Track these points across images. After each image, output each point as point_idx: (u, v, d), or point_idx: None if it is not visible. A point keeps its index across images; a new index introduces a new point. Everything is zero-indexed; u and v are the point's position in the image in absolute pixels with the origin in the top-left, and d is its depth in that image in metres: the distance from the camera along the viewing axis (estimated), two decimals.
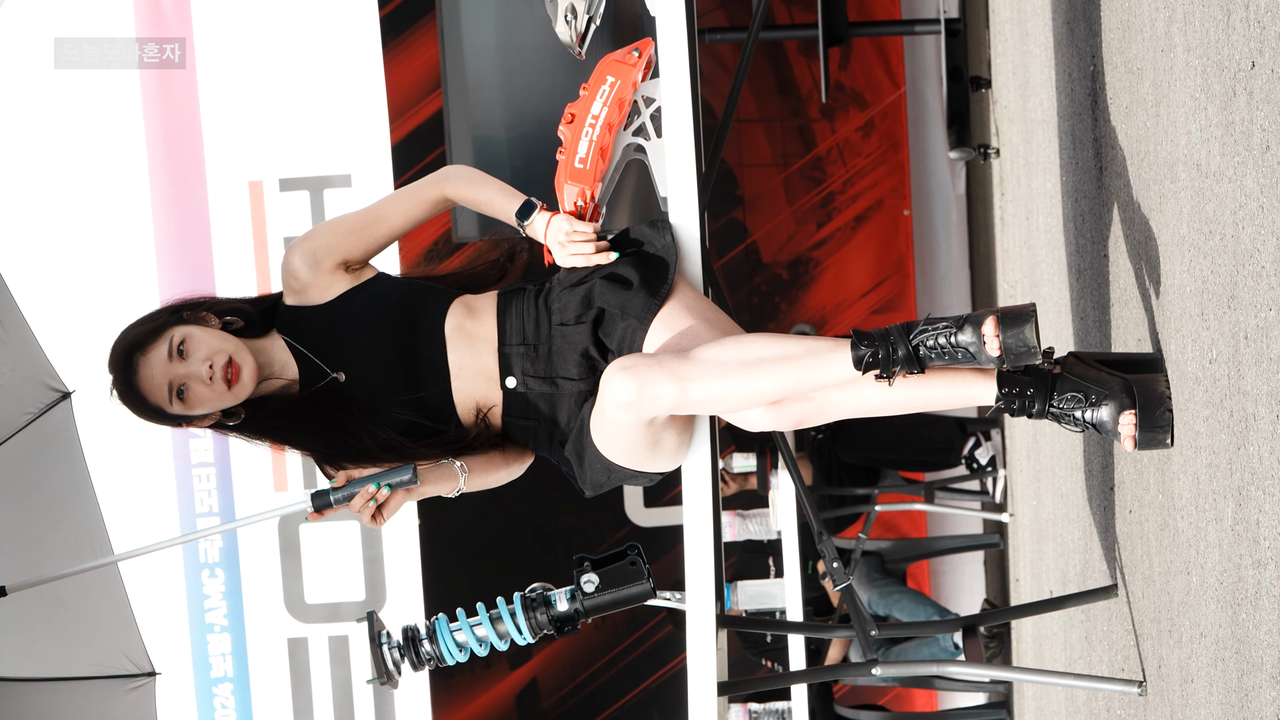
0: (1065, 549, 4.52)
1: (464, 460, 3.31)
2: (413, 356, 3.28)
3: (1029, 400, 3.00)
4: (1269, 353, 2.26)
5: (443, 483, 3.29)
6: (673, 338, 3.15)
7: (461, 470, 3.29)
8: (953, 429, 6.96)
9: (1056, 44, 4.18)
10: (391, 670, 3.05)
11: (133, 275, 6.42)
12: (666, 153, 3.32)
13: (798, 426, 3.18)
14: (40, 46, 6.40)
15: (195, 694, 6.57)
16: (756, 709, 6.12)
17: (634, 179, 3.51)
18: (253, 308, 3.38)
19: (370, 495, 3.17)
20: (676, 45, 3.30)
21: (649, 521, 7.60)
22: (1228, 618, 2.54)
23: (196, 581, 6.57)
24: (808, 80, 7.89)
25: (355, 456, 3.29)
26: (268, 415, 3.33)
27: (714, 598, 3.36)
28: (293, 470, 6.48)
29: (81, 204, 6.39)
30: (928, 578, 8.09)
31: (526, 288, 3.32)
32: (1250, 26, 2.26)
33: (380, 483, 3.17)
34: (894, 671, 4.92)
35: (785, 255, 7.95)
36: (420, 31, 7.19)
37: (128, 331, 3.29)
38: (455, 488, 3.30)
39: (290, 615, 6.60)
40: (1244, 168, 2.33)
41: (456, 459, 3.30)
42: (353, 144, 6.38)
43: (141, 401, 3.25)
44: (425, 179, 3.36)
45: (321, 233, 3.34)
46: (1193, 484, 2.75)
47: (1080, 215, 3.89)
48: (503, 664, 7.69)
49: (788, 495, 6.12)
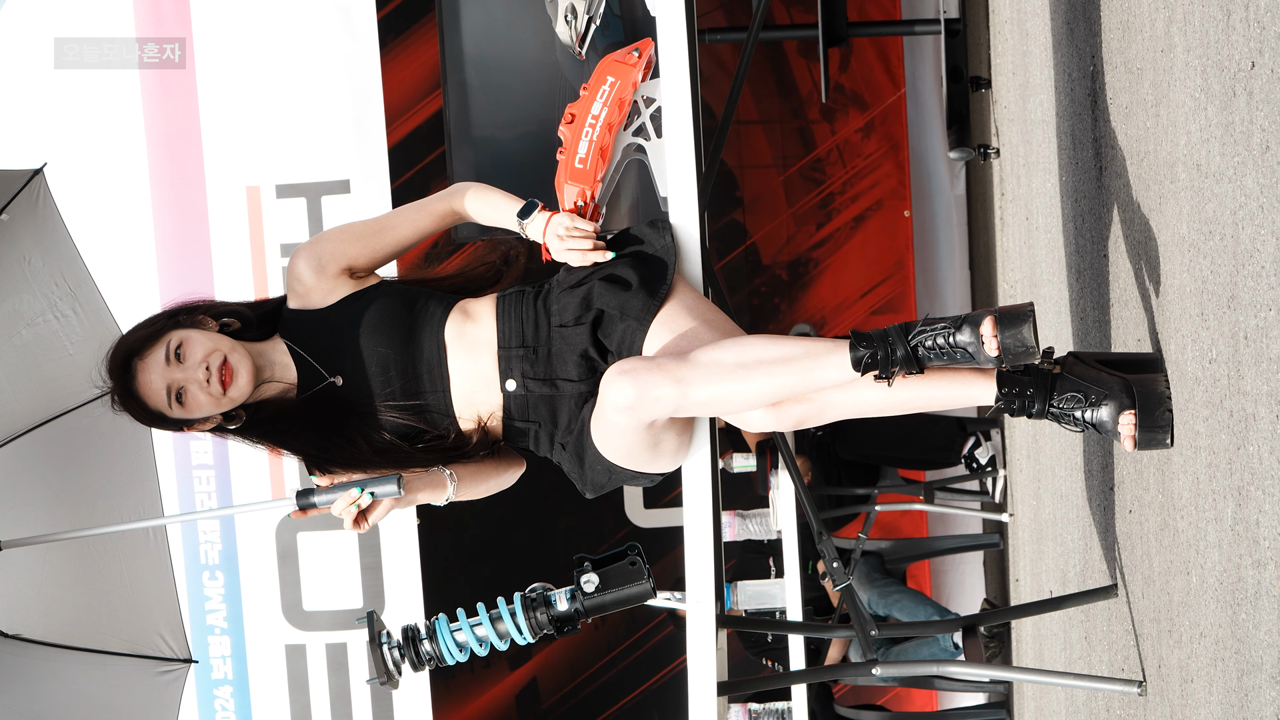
0: (1065, 549, 4.52)
1: (455, 468, 3.31)
2: (413, 362, 3.28)
3: (1029, 400, 3.00)
4: (1269, 353, 2.26)
5: (431, 490, 3.29)
6: (672, 339, 3.15)
7: (451, 479, 3.29)
8: (953, 429, 6.96)
9: (1056, 44, 4.18)
10: (391, 670, 3.05)
11: (133, 275, 6.41)
12: (666, 153, 3.32)
13: (798, 427, 3.18)
14: (40, 46, 6.40)
15: (196, 695, 6.57)
16: (756, 709, 6.12)
17: (634, 179, 3.51)
18: (251, 311, 3.38)
19: (353, 500, 3.17)
20: (676, 45, 3.30)
21: (649, 522, 7.59)
22: (1228, 618, 2.54)
23: (197, 583, 6.57)
24: (808, 81, 7.89)
25: (350, 460, 3.30)
26: (266, 418, 3.33)
27: (714, 598, 3.36)
28: (289, 474, 6.47)
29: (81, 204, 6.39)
30: (928, 578, 8.09)
31: (525, 290, 3.32)
32: (1250, 26, 2.26)
33: (364, 488, 3.17)
34: (894, 671, 4.93)
35: (785, 256, 7.95)
36: (420, 32, 7.18)
37: (126, 338, 3.29)
38: (444, 496, 3.31)
39: (288, 622, 6.60)
40: (1244, 168, 2.33)
41: (447, 467, 3.30)
42: (351, 148, 6.38)
43: (141, 406, 3.25)
44: (436, 194, 3.38)
45: (328, 238, 3.35)
46: (1193, 484, 2.75)
47: (1080, 215, 3.89)
48: (503, 664, 7.68)
49: (788, 495, 6.12)
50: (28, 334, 4.14)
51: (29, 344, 4.13)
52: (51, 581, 4.00)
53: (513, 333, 3.26)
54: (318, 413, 3.29)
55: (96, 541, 4.08)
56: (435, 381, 3.28)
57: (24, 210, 4.23)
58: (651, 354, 3.15)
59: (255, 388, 3.28)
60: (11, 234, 4.18)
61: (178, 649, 4.31)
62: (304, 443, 3.34)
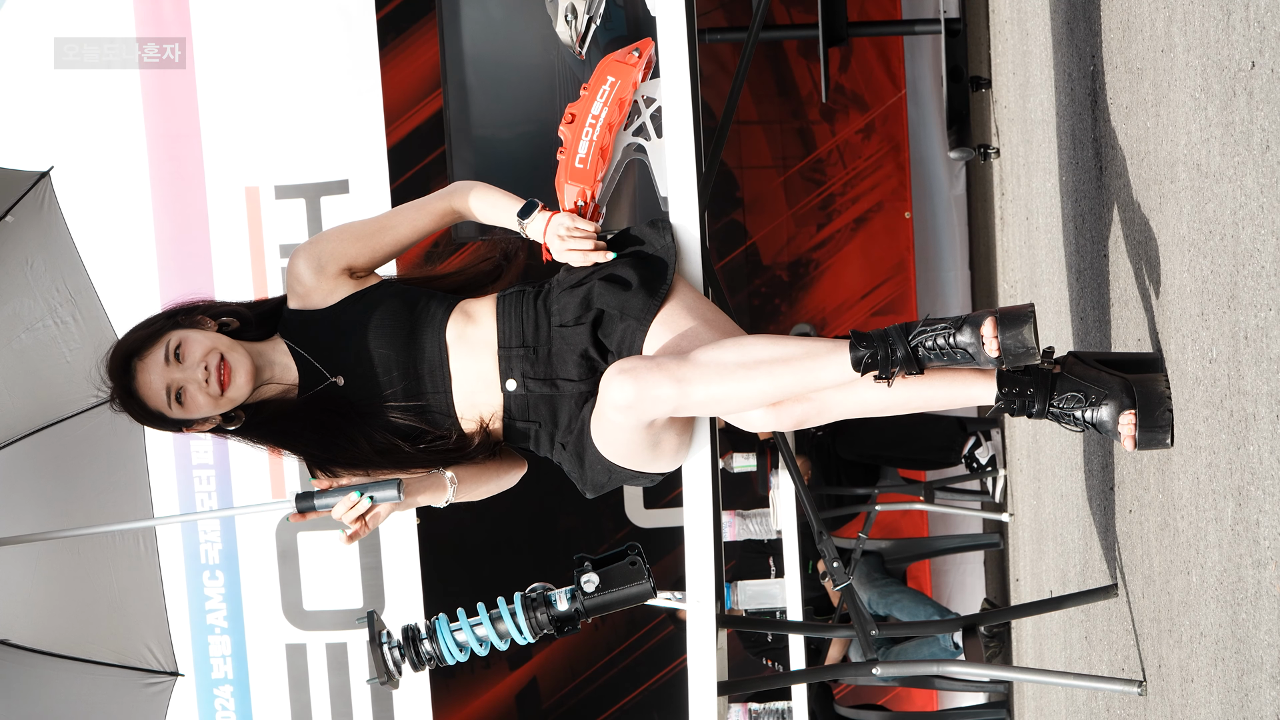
0: (1065, 549, 4.52)
1: (456, 470, 3.31)
2: (414, 363, 3.28)
3: (1029, 400, 3.00)
4: (1269, 353, 2.26)
5: (431, 493, 3.29)
6: (672, 339, 3.15)
7: (451, 482, 3.29)
8: (953, 428, 6.96)
9: (1056, 44, 4.18)
10: (392, 670, 3.05)
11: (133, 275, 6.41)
12: (666, 153, 3.32)
13: (798, 427, 3.18)
14: (40, 46, 6.40)
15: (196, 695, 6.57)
16: (756, 709, 6.12)
17: (634, 179, 3.51)
18: (250, 311, 3.38)
19: (353, 504, 3.17)
20: (676, 45, 3.30)
21: (649, 523, 7.59)
22: (1228, 617, 2.54)
23: (198, 583, 6.57)
24: (808, 81, 7.88)
25: (351, 461, 3.30)
26: (267, 419, 3.33)
27: (714, 598, 3.36)
28: (289, 474, 6.47)
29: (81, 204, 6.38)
30: (928, 578, 8.09)
31: (525, 290, 3.32)
32: (1250, 26, 2.26)
33: (364, 492, 3.17)
34: (894, 671, 4.92)
35: (785, 257, 7.95)
36: (419, 32, 7.18)
37: (125, 338, 3.30)
38: (444, 498, 3.31)
39: (289, 622, 6.60)
40: (1244, 168, 2.33)
41: (448, 469, 3.30)
42: (350, 148, 6.38)
43: (141, 407, 3.25)
44: (435, 193, 3.37)
45: (328, 238, 3.35)
46: (1193, 484, 2.75)
47: (1080, 215, 3.89)
48: (503, 664, 7.69)
49: (788, 495, 6.12)
50: (27, 338, 4.14)
51: (28, 348, 4.13)
52: (41, 590, 4.00)
53: (513, 332, 3.26)
54: (319, 413, 3.29)
55: (87, 551, 4.08)
56: (437, 382, 3.28)
57: (29, 213, 4.23)
58: (651, 354, 3.15)
59: (255, 388, 3.28)
60: (15, 236, 4.18)
61: (165, 662, 4.31)
62: (305, 443, 3.34)
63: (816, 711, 6.91)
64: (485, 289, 3.43)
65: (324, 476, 3.31)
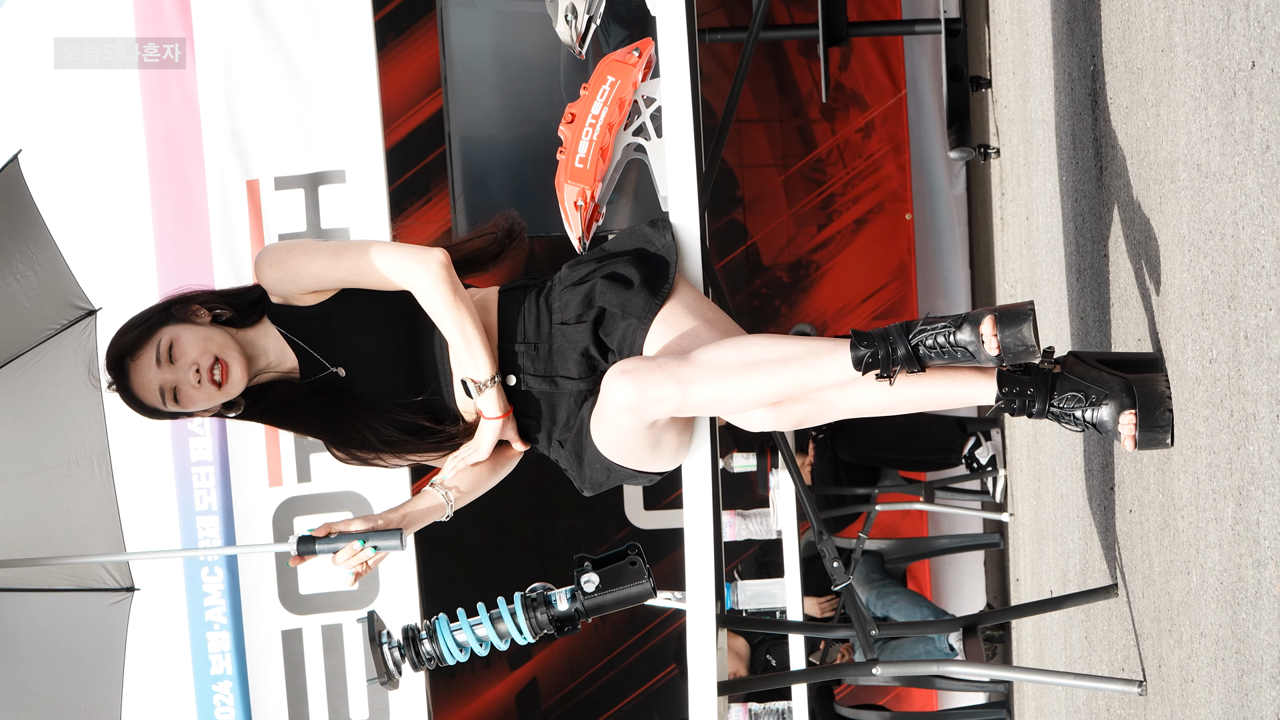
0: (1065, 549, 4.52)
1: (452, 483, 3.31)
2: (415, 358, 3.28)
3: (1029, 400, 3.00)
4: (1269, 353, 2.26)
5: (431, 516, 3.30)
6: (674, 338, 3.15)
7: (447, 499, 3.30)
8: (953, 428, 6.95)
9: (1056, 44, 4.18)
10: (392, 670, 3.05)
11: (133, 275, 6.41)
12: (666, 153, 3.32)
13: (798, 426, 3.18)
14: (40, 46, 6.39)
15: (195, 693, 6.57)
16: (756, 709, 6.12)
17: (634, 179, 3.51)
18: (241, 299, 3.36)
19: (355, 552, 3.19)
20: (676, 45, 3.30)
21: (649, 524, 7.60)
22: (1228, 617, 2.54)
23: (196, 579, 6.57)
24: (808, 81, 7.88)
25: (359, 449, 3.32)
26: (271, 406, 3.34)
27: (714, 598, 3.36)
28: (288, 473, 6.47)
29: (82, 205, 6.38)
30: (928, 578, 8.09)
31: (527, 286, 3.32)
32: (1250, 26, 2.26)
33: (366, 541, 3.19)
34: (894, 671, 4.92)
35: (786, 258, 7.94)
36: (419, 32, 7.18)
37: (119, 337, 3.29)
38: (445, 514, 3.32)
39: (285, 608, 6.59)
40: (1244, 168, 2.33)
41: (442, 488, 3.30)
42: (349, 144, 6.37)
43: (138, 402, 3.28)
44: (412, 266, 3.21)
45: (296, 264, 3.26)
46: (1193, 484, 2.75)
47: (1080, 215, 3.89)
48: (503, 664, 7.69)
49: (788, 495, 6.12)
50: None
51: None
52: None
53: (514, 328, 3.26)
54: (323, 403, 3.30)
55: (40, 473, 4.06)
56: (437, 378, 3.28)
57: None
58: (652, 353, 3.15)
59: (251, 377, 3.29)
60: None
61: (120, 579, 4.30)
62: (312, 428, 3.36)
63: (816, 711, 6.91)
64: (485, 265, 3.40)
65: (345, 455, 3.32)
